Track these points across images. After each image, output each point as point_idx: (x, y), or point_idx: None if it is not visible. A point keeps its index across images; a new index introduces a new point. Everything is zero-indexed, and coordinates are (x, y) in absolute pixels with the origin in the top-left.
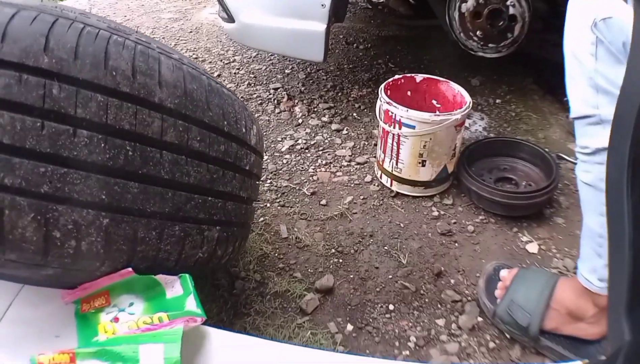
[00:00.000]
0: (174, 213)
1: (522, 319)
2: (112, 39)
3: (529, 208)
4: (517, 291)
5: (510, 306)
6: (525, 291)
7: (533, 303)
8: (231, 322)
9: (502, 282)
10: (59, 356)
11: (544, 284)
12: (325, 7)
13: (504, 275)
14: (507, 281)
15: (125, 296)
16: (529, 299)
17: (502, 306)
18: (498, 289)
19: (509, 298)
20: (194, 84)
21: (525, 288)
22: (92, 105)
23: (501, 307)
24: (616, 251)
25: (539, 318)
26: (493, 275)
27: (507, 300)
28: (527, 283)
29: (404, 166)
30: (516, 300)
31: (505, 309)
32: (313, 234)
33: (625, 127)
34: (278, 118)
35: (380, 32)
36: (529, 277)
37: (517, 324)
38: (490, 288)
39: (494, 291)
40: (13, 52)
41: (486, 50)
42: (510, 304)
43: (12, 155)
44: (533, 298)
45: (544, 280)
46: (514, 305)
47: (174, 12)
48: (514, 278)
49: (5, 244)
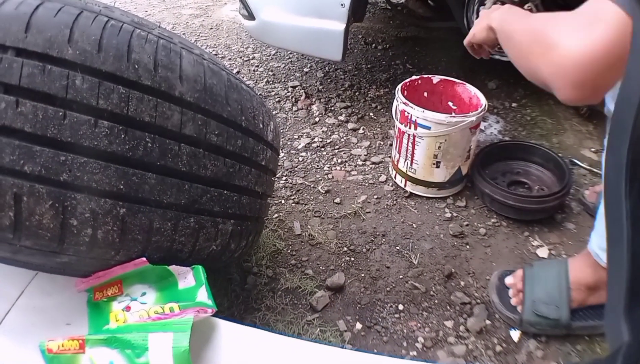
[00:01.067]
0: (189, 205)
1: (551, 313)
2: (135, 33)
3: (540, 213)
4: (534, 291)
5: (535, 306)
6: (543, 287)
7: (555, 295)
8: (242, 316)
9: (512, 289)
10: (69, 342)
11: (557, 273)
12: (344, 7)
13: (510, 282)
14: (519, 285)
15: (138, 285)
16: (550, 293)
17: (527, 310)
18: (512, 297)
19: (530, 299)
20: (214, 79)
21: (541, 285)
22: (113, 97)
23: (526, 312)
24: (615, 252)
25: (566, 306)
26: (499, 285)
27: (528, 303)
28: (540, 279)
29: (418, 166)
30: (538, 299)
31: (531, 312)
32: (326, 232)
33: (623, 128)
34: (295, 116)
35: (399, 33)
36: (539, 273)
37: (548, 320)
38: (504, 299)
39: (509, 301)
40: (37, 42)
41: (503, 53)
42: (533, 305)
43: (33, 143)
44: (553, 291)
45: (555, 270)
46: (537, 304)
47: (194, 9)
48: (524, 279)
49: (21, 230)
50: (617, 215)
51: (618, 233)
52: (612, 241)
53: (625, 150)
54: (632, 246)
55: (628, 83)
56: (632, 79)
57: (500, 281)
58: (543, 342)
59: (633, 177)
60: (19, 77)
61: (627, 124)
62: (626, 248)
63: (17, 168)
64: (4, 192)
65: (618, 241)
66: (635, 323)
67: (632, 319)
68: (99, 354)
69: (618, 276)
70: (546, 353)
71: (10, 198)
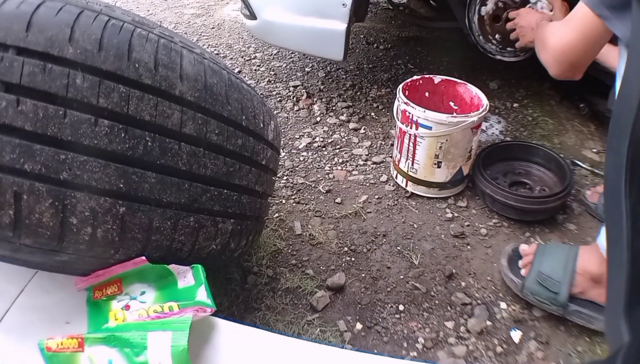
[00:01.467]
0: (189, 204)
1: (551, 286)
2: (136, 32)
3: (542, 213)
4: (542, 264)
5: (539, 276)
6: (551, 262)
7: (560, 272)
8: (242, 316)
9: (524, 258)
10: (68, 340)
11: (567, 254)
12: (346, 7)
13: (524, 249)
14: (530, 256)
15: (138, 284)
16: (555, 268)
17: (531, 277)
18: (522, 266)
19: (536, 269)
20: (215, 78)
21: (550, 260)
22: (114, 96)
23: (530, 279)
24: (614, 252)
25: (567, 284)
26: (513, 255)
27: (534, 272)
28: (550, 255)
29: (419, 166)
30: (543, 271)
31: (535, 279)
32: (327, 232)
33: (623, 128)
34: (296, 115)
35: (401, 33)
36: (551, 250)
37: (548, 291)
38: (513, 266)
39: (516, 267)
40: (38, 41)
41: (504, 54)
42: (538, 275)
43: (33, 141)
44: (559, 268)
45: (566, 251)
46: (542, 276)
47: (196, 8)
48: (536, 253)
49: (21, 228)
50: (617, 215)
51: (618, 233)
52: (612, 241)
53: (625, 150)
54: (632, 247)
55: (627, 85)
56: (631, 81)
57: (514, 252)
58: (544, 343)
59: (632, 177)
60: (19, 76)
61: (626, 125)
62: (626, 248)
63: (17, 167)
64: (4, 190)
65: (618, 241)
66: (635, 323)
67: (632, 320)
68: (98, 353)
69: (618, 276)
70: (547, 354)
71: (10, 196)
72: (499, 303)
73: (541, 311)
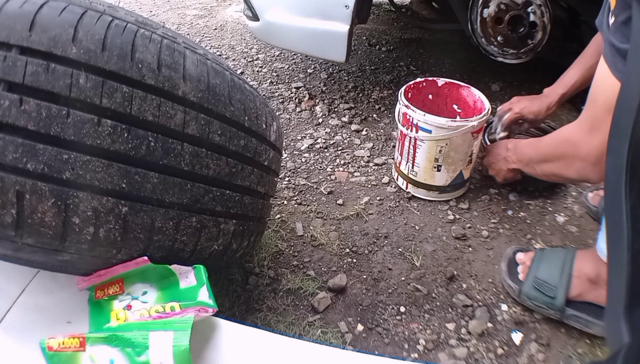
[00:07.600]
0: (191, 204)
1: (548, 291)
2: (140, 32)
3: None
4: (539, 269)
5: (535, 281)
6: (548, 267)
7: (556, 276)
8: (243, 317)
9: (522, 265)
10: (69, 340)
11: (564, 258)
12: (348, 8)
13: (520, 258)
14: (528, 262)
15: (140, 284)
16: (552, 273)
17: (528, 283)
18: (520, 272)
19: (533, 275)
20: (217, 79)
21: (546, 265)
22: (117, 96)
23: (526, 284)
24: (615, 253)
25: (564, 288)
26: (511, 257)
27: (531, 277)
28: (547, 260)
29: (419, 169)
30: (540, 276)
31: (531, 285)
32: (328, 233)
33: (623, 130)
34: (299, 117)
35: (403, 35)
36: (547, 255)
37: (544, 296)
38: (512, 270)
39: (515, 273)
40: (41, 41)
41: (506, 56)
42: (534, 280)
43: (36, 141)
44: (556, 272)
45: (563, 255)
46: (538, 281)
47: (199, 9)
48: (533, 258)
49: (24, 228)
50: (617, 216)
51: (618, 234)
52: (612, 242)
53: (625, 152)
54: (632, 248)
55: (627, 88)
56: (631, 84)
57: (513, 255)
58: (544, 345)
59: (632, 178)
60: (22, 75)
61: (626, 127)
62: (626, 249)
63: (20, 166)
64: (6, 190)
65: (618, 243)
66: (635, 325)
67: (632, 321)
68: (100, 353)
69: (618, 277)
70: (547, 356)
71: (13, 195)
72: (500, 305)
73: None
